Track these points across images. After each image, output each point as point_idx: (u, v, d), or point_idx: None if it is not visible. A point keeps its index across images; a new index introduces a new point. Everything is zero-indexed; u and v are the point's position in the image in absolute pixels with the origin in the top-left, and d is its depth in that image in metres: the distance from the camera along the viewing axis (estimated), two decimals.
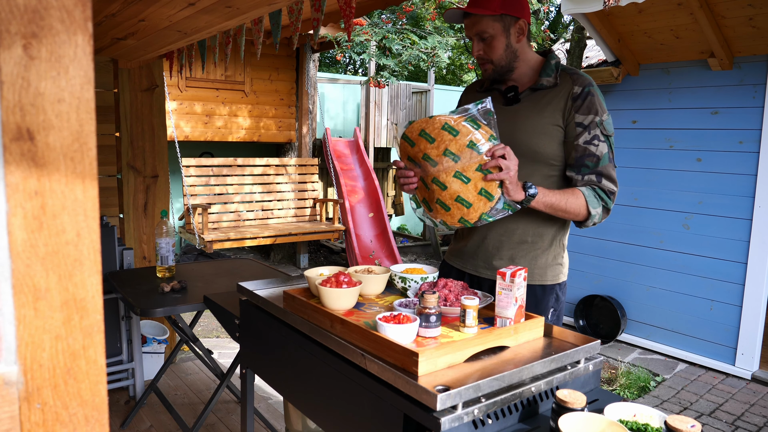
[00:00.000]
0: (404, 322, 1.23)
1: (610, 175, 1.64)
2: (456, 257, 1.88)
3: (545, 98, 1.66)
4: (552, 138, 1.65)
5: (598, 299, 4.66)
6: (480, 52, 1.66)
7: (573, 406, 1.07)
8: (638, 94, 4.46)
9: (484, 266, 1.78)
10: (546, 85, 1.66)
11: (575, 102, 1.62)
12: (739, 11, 3.56)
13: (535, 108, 1.67)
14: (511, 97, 1.70)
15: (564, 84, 1.65)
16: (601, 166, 1.62)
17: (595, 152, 1.61)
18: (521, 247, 1.73)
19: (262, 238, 6.29)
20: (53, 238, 0.53)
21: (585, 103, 1.61)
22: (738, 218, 3.92)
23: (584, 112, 1.61)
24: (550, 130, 1.65)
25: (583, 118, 1.62)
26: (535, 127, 1.65)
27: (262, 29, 2.23)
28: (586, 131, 1.61)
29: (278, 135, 7.36)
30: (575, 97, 1.62)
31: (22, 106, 0.50)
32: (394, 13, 8.08)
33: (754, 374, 3.87)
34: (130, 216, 3.46)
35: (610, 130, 1.63)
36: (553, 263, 1.76)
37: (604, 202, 1.63)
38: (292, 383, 1.53)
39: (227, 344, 4.24)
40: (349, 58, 16.22)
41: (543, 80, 1.67)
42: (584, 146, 1.62)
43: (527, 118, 1.67)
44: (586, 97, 1.62)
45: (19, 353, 0.52)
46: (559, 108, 1.64)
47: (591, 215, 1.61)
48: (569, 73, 1.67)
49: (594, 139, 1.61)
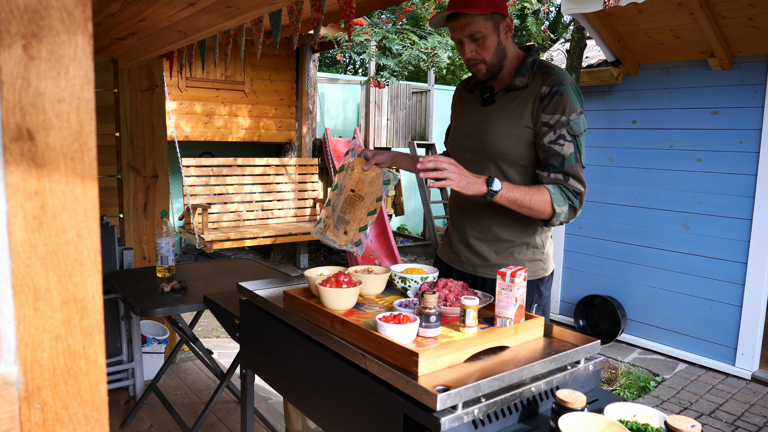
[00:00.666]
0: (404, 322, 1.23)
1: (577, 175, 1.63)
2: (446, 254, 1.95)
3: (517, 99, 1.68)
4: (521, 140, 1.66)
5: (598, 299, 4.66)
6: (473, 53, 1.65)
7: (573, 406, 1.07)
8: (638, 94, 4.46)
9: (468, 263, 1.83)
10: (519, 86, 1.67)
11: (542, 102, 1.63)
12: (739, 11, 3.56)
13: (507, 110, 1.68)
14: (486, 98, 1.73)
15: (535, 84, 1.66)
16: (567, 166, 1.62)
17: (561, 152, 1.61)
18: (499, 244, 1.76)
19: (262, 238, 6.29)
20: (53, 238, 0.53)
21: (552, 102, 1.61)
22: (738, 218, 3.92)
23: (550, 111, 1.62)
24: (519, 132, 1.66)
25: (549, 118, 1.62)
26: (506, 129, 1.67)
27: (262, 29, 2.23)
28: (551, 131, 1.61)
29: (278, 135, 7.35)
30: (542, 96, 1.63)
31: (22, 106, 0.50)
32: (394, 13, 8.08)
33: (754, 374, 3.87)
34: (130, 216, 3.46)
35: (577, 129, 1.62)
36: (532, 259, 1.77)
37: (571, 201, 1.63)
38: (292, 383, 1.53)
39: (227, 344, 4.24)
40: (349, 58, 16.23)
41: (516, 80, 1.67)
42: (549, 146, 1.62)
43: (499, 121, 1.69)
44: (554, 96, 1.61)
45: (19, 353, 0.52)
46: (528, 109, 1.65)
47: (556, 213, 1.60)
48: (542, 72, 1.66)
49: (560, 138, 1.61)
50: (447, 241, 1.94)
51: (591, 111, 4.75)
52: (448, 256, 1.91)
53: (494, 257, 1.77)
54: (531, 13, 5.43)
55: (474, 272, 1.81)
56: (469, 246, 1.81)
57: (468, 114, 1.80)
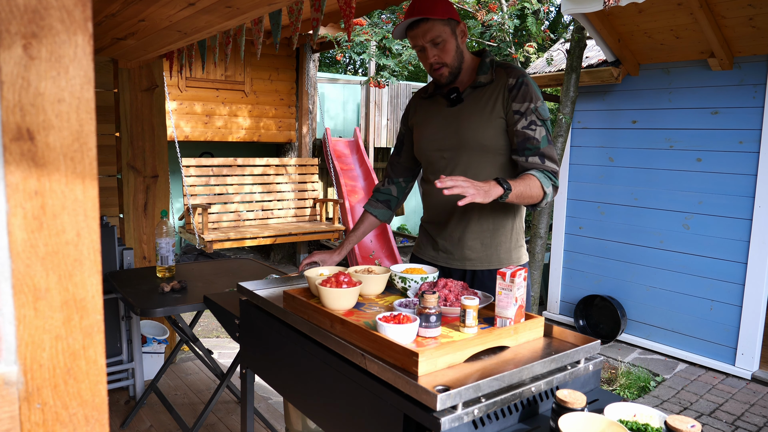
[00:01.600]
0: (404, 322, 1.23)
1: (551, 155, 1.76)
2: (424, 252, 1.98)
3: (486, 94, 1.79)
4: (496, 129, 1.77)
5: (598, 299, 4.66)
6: (435, 57, 1.75)
7: (573, 406, 1.07)
8: (638, 94, 4.46)
9: (454, 258, 1.88)
10: (484, 82, 1.79)
11: (511, 92, 1.75)
12: (739, 11, 3.56)
13: (478, 104, 1.79)
14: (455, 98, 1.82)
15: (499, 78, 1.78)
16: (542, 148, 1.75)
17: (534, 135, 1.74)
18: (484, 235, 1.83)
19: (262, 238, 6.29)
20: (53, 238, 0.53)
21: (520, 92, 1.74)
22: (738, 218, 3.92)
23: (520, 100, 1.74)
24: (494, 122, 1.77)
25: (519, 106, 1.74)
26: (480, 121, 1.78)
27: (262, 29, 2.23)
28: (523, 117, 1.74)
29: (278, 135, 7.35)
30: (511, 87, 1.75)
31: (22, 106, 0.50)
32: (394, 13, 8.08)
33: (754, 374, 3.87)
34: (130, 216, 3.46)
35: (545, 115, 1.76)
36: (515, 246, 1.88)
37: (553, 181, 1.75)
38: (292, 383, 1.53)
39: (227, 344, 4.24)
40: (349, 58, 16.23)
41: (481, 78, 1.79)
42: (523, 131, 1.74)
43: (471, 115, 1.79)
44: (521, 86, 1.74)
45: (19, 353, 0.52)
46: (498, 100, 1.76)
47: (546, 194, 1.72)
48: (503, 68, 1.80)
49: (531, 124, 1.74)
50: (427, 241, 1.98)
51: (591, 111, 4.75)
52: (431, 255, 1.95)
53: (483, 249, 1.84)
54: (531, 13, 5.43)
55: (463, 266, 1.87)
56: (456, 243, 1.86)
57: (435, 118, 1.88)
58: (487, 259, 1.84)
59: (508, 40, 5.45)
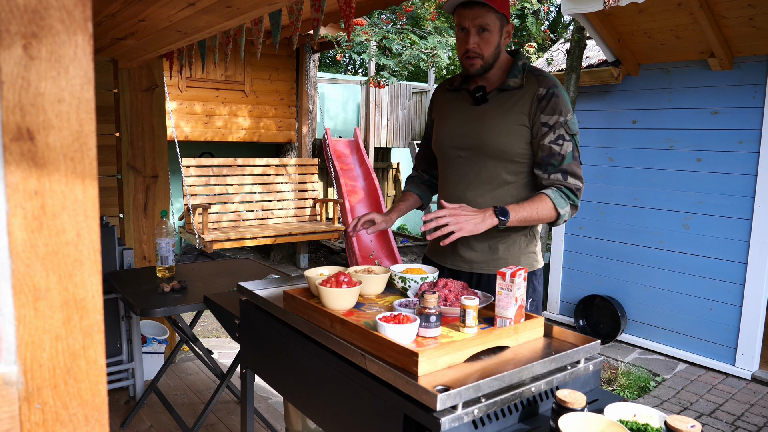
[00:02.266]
0: (404, 322, 1.23)
1: (575, 172, 1.70)
2: (435, 253, 1.95)
3: (512, 99, 1.72)
4: (518, 137, 1.71)
5: (598, 299, 4.66)
6: (475, 45, 1.68)
7: (573, 406, 1.07)
8: (638, 94, 4.46)
9: (461, 260, 1.84)
10: (513, 86, 1.72)
11: (540, 103, 1.68)
12: (739, 11, 3.56)
13: (502, 108, 1.72)
14: (479, 97, 1.76)
15: (530, 85, 1.71)
16: (566, 164, 1.69)
17: (560, 151, 1.68)
18: (494, 239, 1.79)
19: (262, 238, 6.29)
20: (53, 238, 0.53)
21: (550, 104, 1.67)
22: (738, 218, 3.92)
23: (549, 112, 1.67)
24: (516, 130, 1.70)
25: (548, 119, 1.68)
26: (502, 127, 1.71)
27: (262, 29, 2.23)
28: (551, 131, 1.68)
29: (278, 135, 7.35)
30: (540, 98, 1.68)
31: (22, 106, 0.50)
32: (394, 13, 8.07)
33: (754, 374, 3.87)
34: (130, 216, 3.46)
35: (574, 129, 1.70)
36: (526, 251, 1.82)
37: (572, 200, 1.70)
38: (292, 383, 1.53)
39: (227, 344, 4.24)
40: (349, 58, 16.22)
41: (510, 81, 1.72)
42: (550, 146, 1.68)
43: (494, 118, 1.73)
44: (551, 98, 1.68)
45: (19, 353, 0.52)
46: (524, 109, 1.70)
47: (560, 215, 1.68)
48: (535, 75, 1.72)
49: (559, 138, 1.68)
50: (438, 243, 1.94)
51: (591, 111, 4.75)
52: (441, 257, 1.92)
53: (490, 253, 1.80)
54: (531, 13, 5.43)
55: (470, 269, 1.83)
56: (466, 244, 1.82)
57: (458, 113, 1.82)
58: (495, 263, 1.79)
59: None
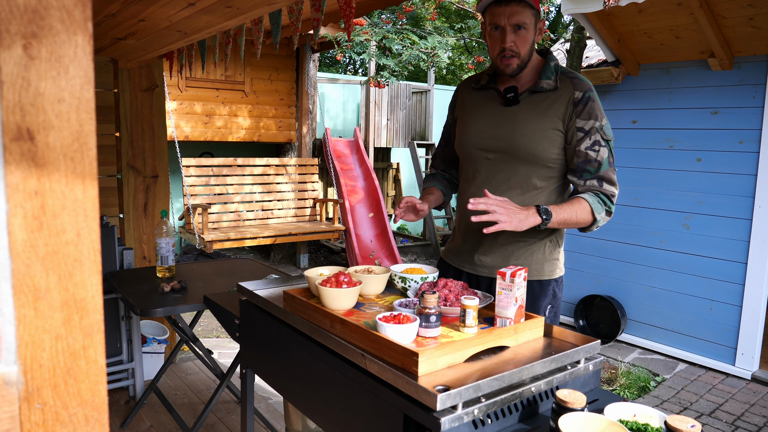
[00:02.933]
0: (404, 322, 1.23)
1: (611, 179, 1.66)
2: (454, 255, 1.90)
3: (545, 102, 1.66)
4: (552, 142, 1.66)
5: (598, 299, 4.66)
6: (512, 44, 1.62)
7: (573, 406, 1.07)
8: (638, 94, 4.46)
9: (481, 264, 1.80)
10: (546, 88, 1.66)
11: (576, 107, 1.63)
12: (739, 11, 3.56)
13: (535, 111, 1.66)
14: (511, 98, 1.70)
15: (564, 88, 1.65)
16: (603, 171, 1.64)
17: (596, 158, 1.63)
18: (517, 243, 1.74)
19: (262, 238, 6.29)
20: (53, 238, 0.53)
21: (586, 108, 1.62)
22: (738, 218, 3.92)
23: (585, 117, 1.63)
24: (550, 134, 1.65)
25: (584, 123, 1.63)
26: (536, 131, 1.65)
27: (262, 29, 2.23)
28: (587, 137, 1.63)
29: (278, 135, 7.35)
30: (576, 102, 1.63)
31: (22, 106, 0.50)
32: (394, 13, 8.08)
33: (754, 374, 3.87)
34: (130, 216, 3.46)
35: (609, 134, 1.65)
36: (549, 258, 1.79)
37: (607, 206, 1.66)
38: (292, 383, 1.53)
39: (227, 344, 4.24)
40: (349, 58, 16.22)
41: (543, 83, 1.66)
42: (586, 152, 1.63)
43: (527, 121, 1.66)
44: (587, 102, 1.63)
45: (19, 353, 0.52)
46: (559, 112, 1.64)
47: (596, 221, 1.64)
48: (569, 77, 1.67)
49: (595, 144, 1.63)
50: (457, 245, 1.89)
51: None
52: (460, 260, 1.86)
53: (513, 258, 1.76)
54: None
55: (491, 275, 1.77)
56: (485, 250, 1.77)
57: (487, 113, 1.75)
58: None
59: None
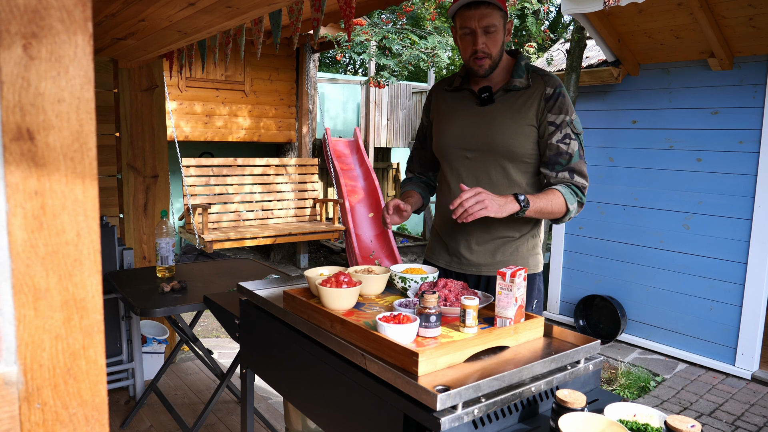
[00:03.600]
0: (404, 322, 1.23)
1: (581, 170, 1.73)
2: (439, 256, 1.94)
3: (519, 99, 1.73)
4: (527, 137, 1.73)
5: (598, 299, 4.66)
6: (484, 45, 1.68)
7: (573, 406, 1.07)
8: (638, 94, 4.46)
9: (468, 263, 1.84)
10: (519, 87, 1.73)
11: (548, 102, 1.70)
12: (739, 11, 3.56)
13: (510, 109, 1.73)
14: (486, 98, 1.76)
15: (537, 85, 1.73)
16: (573, 162, 1.71)
17: (567, 150, 1.70)
18: (503, 239, 1.79)
19: (262, 238, 6.29)
20: (53, 238, 0.53)
21: (557, 103, 1.70)
22: (738, 218, 3.92)
23: (556, 111, 1.70)
24: (526, 130, 1.72)
25: (555, 118, 1.70)
26: (512, 127, 1.72)
27: (262, 29, 2.23)
28: (558, 130, 1.70)
29: (278, 135, 7.35)
30: (548, 98, 1.70)
31: (22, 106, 0.50)
32: (394, 13, 8.08)
33: (754, 374, 3.87)
34: (130, 216, 3.46)
35: (579, 128, 1.73)
36: (532, 252, 1.84)
37: (579, 197, 1.72)
38: (292, 383, 1.53)
39: (227, 344, 4.24)
40: (349, 58, 16.22)
41: (516, 81, 1.73)
42: (557, 144, 1.70)
43: (503, 119, 1.73)
44: (558, 98, 1.70)
45: (19, 353, 0.52)
46: (533, 109, 1.72)
47: (569, 211, 1.69)
48: (540, 75, 1.74)
49: (566, 137, 1.70)
50: (439, 245, 1.93)
51: (591, 111, 4.75)
52: (445, 259, 1.91)
53: (499, 255, 1.80)
54: (531, 13, 5.43)
55: (478, 272, 1.82)
56: (471, 248, 1.82)
57: (463, 113, 1.80)
58: (504, 265, 1.78)
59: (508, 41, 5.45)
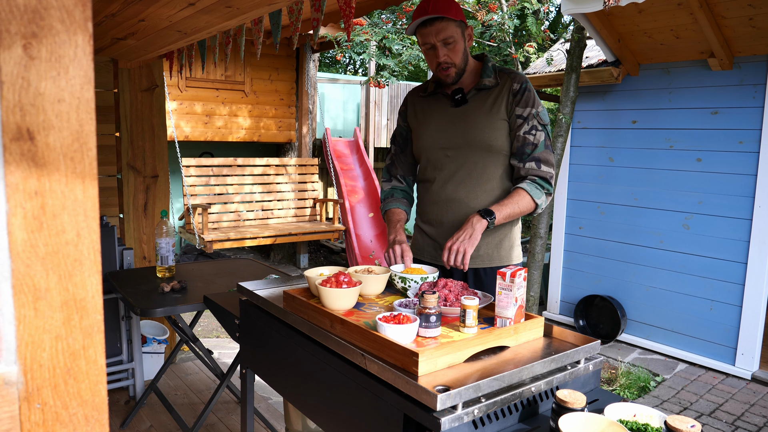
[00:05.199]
0: (404, 322, 1.23)
1: (548, 159, 1.83)
2: (427, 253, 1.99)
3: (490, 97, 1.85)
4: (501, 131, 1.84)
5: (598, 299, 4.66)
6: (446, 57, 1.80)
7: (573, 406, 1.07)
8: (638, 94, 4.46)
9: None
10: (489, 85, 1.85)
11: (515, 97, 1.82)
12: (739, 11, 3.56)
13: (484, 106, 1.85)
14: (460, 99, 1.88)
15: (504, 82, 1.85)
16: (538, 152, 1.82)
17: (533, 140, 1.81)
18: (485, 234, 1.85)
19: (262, 238, 6.29)
20: (53, 238, 0.53)
21: (523, 97, 1.82)
22: (738, 218, 3.92)
23: (523, 105, 1.82)
24: (499, 124, 1.84)
25: (522, 111, 1.82)
26: (486, 123, 1.84)
27: (262, 29, 2.23)
28: (525, 122, 1.82)
29: (278, 135, 7.35)
30: (515, 92, 1.83)
31: (22, 106, 0.50)
32: (394, 13, 8.08)
33: (754, 374, 3.87)
34: (130, 216, 3.46)
35: (545, 119, 1.84)
36: (514, 244, 1.95)
37: (546, 189, 1.82)
38: (292, 383, 1.53)
39: (227, 344, 4.24)
40: (349, 58, 16.22)
41: (485, 81, 1.85)
42: (524, 136, 1.82)
43: (478, 116, 1.85)
44: (524, 92, 1.82)
45: (19, 353, 0.52)
46: (503, 104, 1.84)
47: (538, 206, 1.81)
48: (506, 73, 1.87)
49: (533, 129, 1.82)
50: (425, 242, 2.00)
51: (591, 111, 4.75)
52: (431, 255, 1.97)
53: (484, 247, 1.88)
54: (531, 13, 5.43)
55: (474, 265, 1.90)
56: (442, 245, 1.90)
57: (439, 116, 1.92)
58: (488, 257, 1.88)
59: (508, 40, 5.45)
